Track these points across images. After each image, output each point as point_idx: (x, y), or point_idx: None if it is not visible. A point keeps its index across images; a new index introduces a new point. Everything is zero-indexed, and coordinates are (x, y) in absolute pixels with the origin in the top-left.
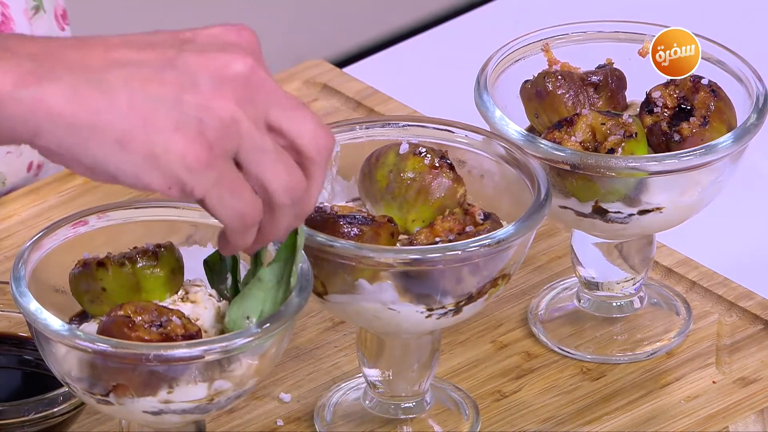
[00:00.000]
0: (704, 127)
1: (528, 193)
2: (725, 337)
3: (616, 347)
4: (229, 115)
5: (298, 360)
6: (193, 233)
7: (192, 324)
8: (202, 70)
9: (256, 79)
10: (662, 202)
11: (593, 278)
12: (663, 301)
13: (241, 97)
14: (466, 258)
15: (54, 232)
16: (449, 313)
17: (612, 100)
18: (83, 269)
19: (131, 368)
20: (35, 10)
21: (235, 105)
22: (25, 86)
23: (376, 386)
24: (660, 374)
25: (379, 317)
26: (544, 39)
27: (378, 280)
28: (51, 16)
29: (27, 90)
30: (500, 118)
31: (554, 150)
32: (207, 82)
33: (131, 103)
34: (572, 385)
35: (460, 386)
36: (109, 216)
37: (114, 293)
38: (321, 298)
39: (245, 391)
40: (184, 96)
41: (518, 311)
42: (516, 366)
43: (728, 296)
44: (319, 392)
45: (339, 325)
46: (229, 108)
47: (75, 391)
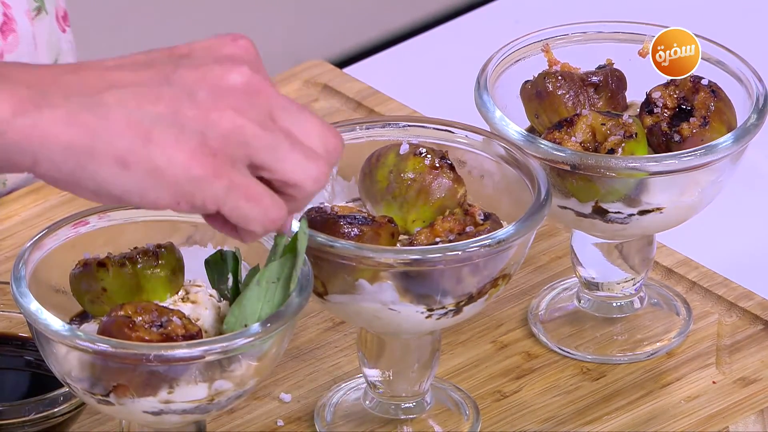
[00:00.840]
0: (704, 127)
1: (528, 193)
2: (725, 337)
3: (617, 347)
4: (230, 122)
5: (299, 360)
6: (194, 233)
7: (192, 324)
8: (199, 84)
9: (254, 86)
10: (662, 203)
11: (593, 278)
12: (663, 302)
13: (241, 104)
14: (467, 258)
15: (55, 232)
16: (449, 313)
17: (612, 100)
18: (84, 269)
19: (131, 368)
20: (37, 11)
21: (234, 113)
22: (22, 114)
23: (376, 386)
24: (660, 374)
25: (379, 317)
26: (544, 39)
27: (378, 281)
28: (52, 17)
29: (24, 117)
30: (500, 118)
31: (554, 150)
32: (204, 95)
33: (128, 122)
34: (572, 385)
35: (460, 386)
36: (109, 216)
37: (114, 293)
38: (321, 299)
39: (245, 392)
40: (183, 111)
41: (518, 311)
42: (516, 366)
43: (728, 296)
44: (320, 392)
45: (339, 326)
46: (228, 116)
47: (75, 392)
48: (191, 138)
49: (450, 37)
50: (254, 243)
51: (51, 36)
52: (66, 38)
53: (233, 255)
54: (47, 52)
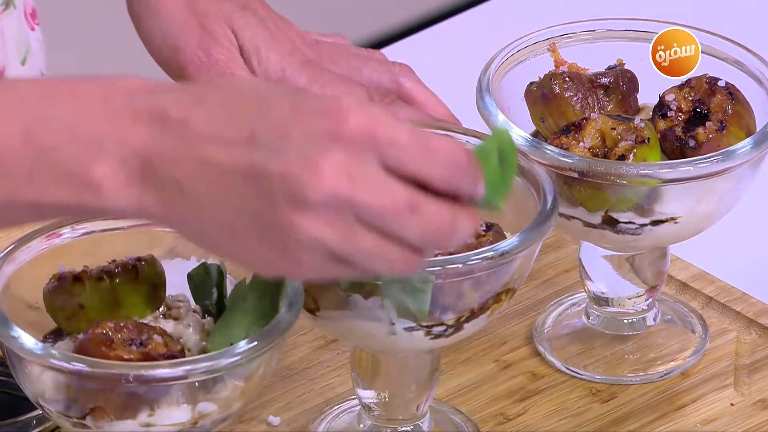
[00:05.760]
0: (721, 132)
1: (533, 202)
2: (744, 356)
3: (628, 367)
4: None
5: (288, 381)
6: (176, 245)
7: (174, 342)
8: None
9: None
10: (677, 212)
11: (603, 293)
12: (677, 318)
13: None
14: (468, 272)
15: (26, 244)
16: (449, 330)
17: (623, 103)
18: (59, 284)
19: (109, 389)
20: (5, 5)
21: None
22: (128, 188)
23: (371, 409)
24: (674, 396)
25: (374, 335)
26: (550, 38)
27: (373, 296)
28: (21, 12)
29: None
30: (504, 122)
31: (561, 156)
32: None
33: None
34: (581, 407)
35: (461, 409)
36: (84, 227)
37: (91, 309)
38: (312, 315)
39: (231, 414)
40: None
41: (523, 328)
42: (521, 387)
43: (747, 312)
44: (311, 415)
45: (332, 344)
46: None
47: (49, 414)
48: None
49: (450, 35)
50: None
51: (20, 33)
52: (35, 36)
53: (218, 268)
54: (16, 49)
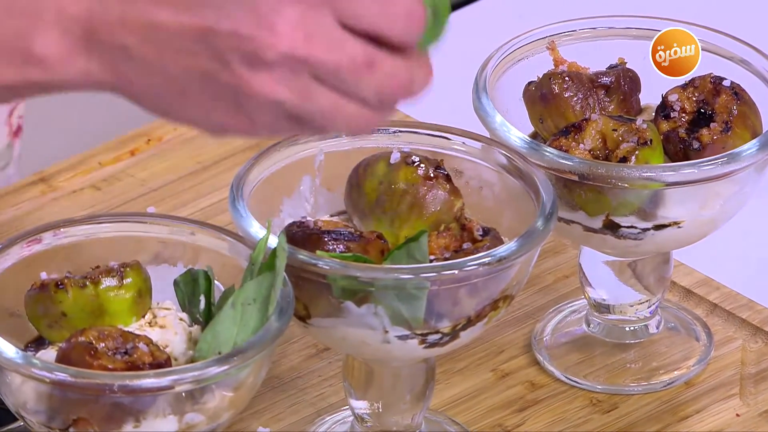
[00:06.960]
0: (726, 133)
1: (532, 206)
2: (750, 365)
3: (630, 376)
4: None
5: (279, 391)
6: (162, 251)
7: (160, 351)
8: None
9: None
10: (680, 216)
11: (604, 300)
12: (681, 326)
13: None
14: (464, 278)
15: (6, 250)
16: (445, 338)
17: (624, 103)
18: (40, 291)
19: (93, 400)
20: None
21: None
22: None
23: (364, 419)
24: (678, 406)
25: (367, 343)
26: (549, 36)
27: (366, 302)
28: None
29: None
30: (501, 123)
31: (561, 159)
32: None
33: None
34: (581, 418)
35: (457, 419)
36: (67, 232)
37: (74, 317)
38: (303, 323)
39: (220, 425)
40: None
41: (521, 336)
42: (519, 397)
43: (753, 320)
44: (302, 426)
45: (323, 352)
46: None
47: (31, 426)
48: None
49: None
50: (228, 261)
51: None
52: None
53: (205, 274)
54: None
